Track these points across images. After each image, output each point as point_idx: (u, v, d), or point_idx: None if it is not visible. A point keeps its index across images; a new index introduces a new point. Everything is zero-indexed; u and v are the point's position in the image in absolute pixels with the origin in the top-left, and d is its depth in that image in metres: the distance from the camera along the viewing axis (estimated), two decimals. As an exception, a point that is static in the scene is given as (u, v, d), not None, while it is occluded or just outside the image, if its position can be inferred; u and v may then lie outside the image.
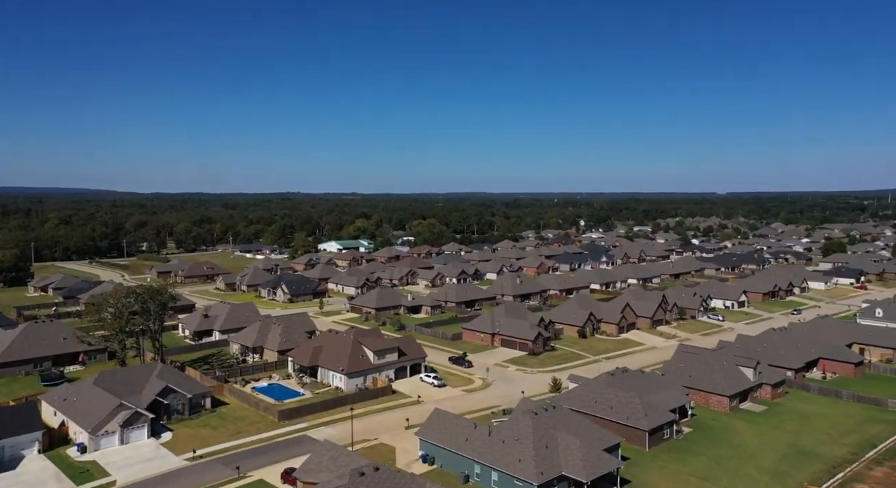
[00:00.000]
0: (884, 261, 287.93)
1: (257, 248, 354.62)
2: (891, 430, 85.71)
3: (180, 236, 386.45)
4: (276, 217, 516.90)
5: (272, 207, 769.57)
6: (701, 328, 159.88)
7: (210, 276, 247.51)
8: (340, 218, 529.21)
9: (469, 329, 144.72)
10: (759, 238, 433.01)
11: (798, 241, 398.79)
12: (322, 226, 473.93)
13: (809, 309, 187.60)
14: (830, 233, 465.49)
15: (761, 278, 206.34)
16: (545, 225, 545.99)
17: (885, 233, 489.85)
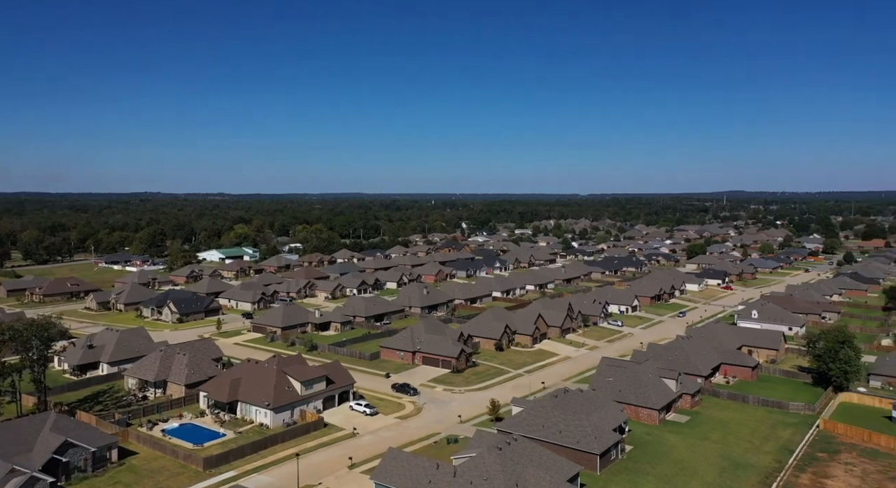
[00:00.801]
0: (737, 263, 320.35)
1: (126, 259, 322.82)
2: (799, 433, 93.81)
3: (29, 246, 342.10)
4: (141, 222, 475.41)
5: (132, 210, 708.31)
6: (605, 334, 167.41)
7: (76, 294, 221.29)
8: (216, 223, 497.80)
9: (388, 347, 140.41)
10: (629, 240, 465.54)
11: (663, 243, 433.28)
12: (197, 233, 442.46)
13: (691, 311, 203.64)
14: (687, 235, 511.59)
15: (648, 282, 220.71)
16: (430, 228, 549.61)
17: (730, 234, 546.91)
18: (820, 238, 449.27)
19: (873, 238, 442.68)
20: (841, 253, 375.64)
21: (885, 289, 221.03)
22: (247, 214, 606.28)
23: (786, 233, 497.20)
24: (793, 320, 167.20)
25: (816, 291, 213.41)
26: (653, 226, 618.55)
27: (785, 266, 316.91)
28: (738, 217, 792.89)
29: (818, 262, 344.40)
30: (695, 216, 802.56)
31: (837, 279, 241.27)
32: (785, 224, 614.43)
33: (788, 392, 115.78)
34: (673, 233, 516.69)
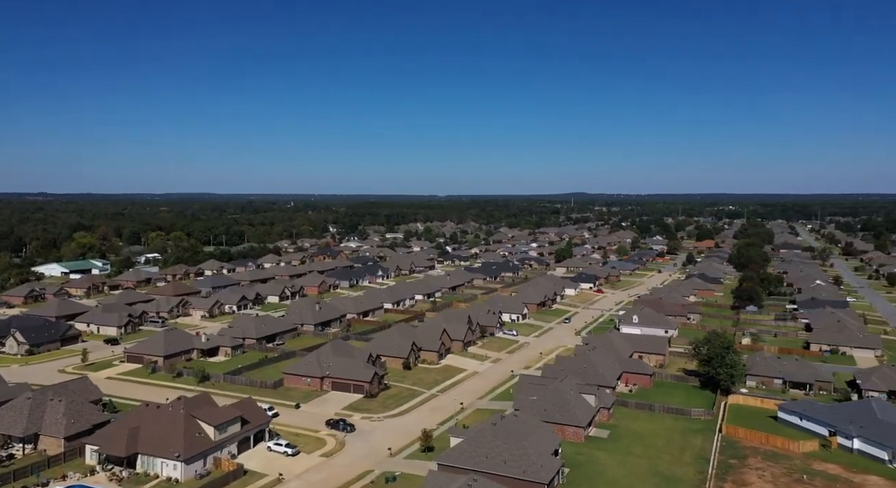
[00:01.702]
0: (600, 265, 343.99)
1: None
2: (707, 440, 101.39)
3: None
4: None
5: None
6: (503, 345, 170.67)
7: None
8: (47, 229, 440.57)
9: (293, 373, 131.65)
10: (498, 244, 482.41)
11: (529, 246, 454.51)
12: (27, 242, 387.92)
13: (574, 316, 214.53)
14: (549, 238, 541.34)
15: (532, 289, 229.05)
16: (298, 233, 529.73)
17: (585, 236, 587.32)
18: (663, 240, 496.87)
19: (705, 239, 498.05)
20: (683, 254, 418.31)
21: (733, 289, 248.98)
22: (84, 219, 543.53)
23: (633, 235, 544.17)
24: (668, 323, 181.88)
25: (677, 293, 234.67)
26: (515, 228, 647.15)
27: (640, 267, 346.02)
28: (587, 219, 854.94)
29: (665, 263, 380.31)
30: (549, 218, 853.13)
31: (690, 280, 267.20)
32: (630, 226, 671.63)
33: (683, 397, 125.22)
34: (536, 236, 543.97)
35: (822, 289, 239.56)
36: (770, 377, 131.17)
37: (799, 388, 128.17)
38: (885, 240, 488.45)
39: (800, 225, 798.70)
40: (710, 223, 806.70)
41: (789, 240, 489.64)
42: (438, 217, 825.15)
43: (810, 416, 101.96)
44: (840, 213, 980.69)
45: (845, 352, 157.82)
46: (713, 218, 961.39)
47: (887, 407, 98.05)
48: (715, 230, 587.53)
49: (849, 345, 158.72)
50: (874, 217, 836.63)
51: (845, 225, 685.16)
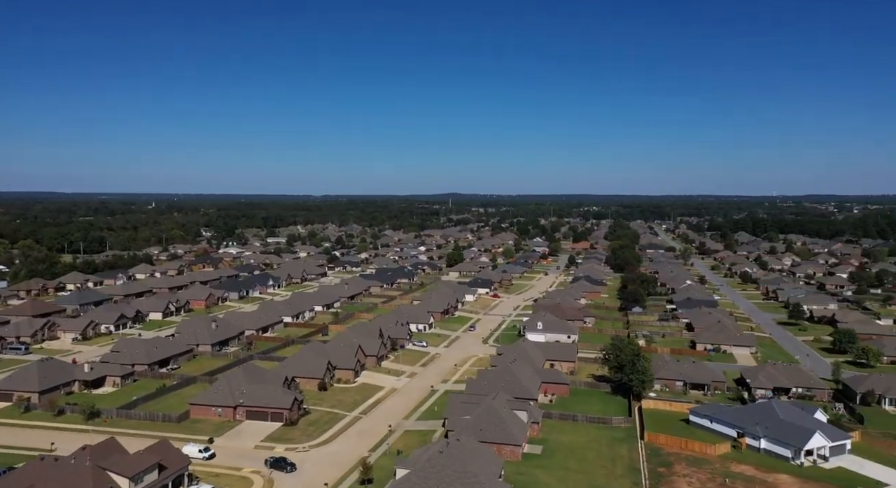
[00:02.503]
0: (490, 269, 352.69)
1: None
2: (633, 449, 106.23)
3: None
4: None
5: None
6: (416, 358, 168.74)
7: None
8: None
9: (200, 404, 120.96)
10: (386, 247, 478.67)
11: (418, 249, 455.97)
12: None
13: (477, 323, 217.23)
14: (435, 240, 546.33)
15: (436, 296, 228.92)
16: (168, 238, 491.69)
17: (468, 237, 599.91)
18: (543, 241, 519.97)
19: (580, 240, 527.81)
20: (563, 255, 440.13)
21: (617, 291, 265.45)
22: None
23: (514, 237, 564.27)
24: (569, 329, 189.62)
25: (569, 296, 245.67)
26: (400, 230, 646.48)
27: (528, 270, 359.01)
28: (467, 220, 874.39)
29: (549, 265, 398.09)
30: (431, 219, 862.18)
31: (578, 283, 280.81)
32: (509, 227, 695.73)
33: (600, 404, 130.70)
34: (423, 239, 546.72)
35: (693, 289, 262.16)
36: (672, 379, 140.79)
37: (698, 389, 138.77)
38: (730, 239, 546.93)
39: (656, 225, 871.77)
40: (579, 224, 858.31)
41: (653, 241, 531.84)
42: (319, 219, 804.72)
43: (719, 419, 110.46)
44: (688, 214, 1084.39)
45: (726, 350, 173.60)
46: (581, 218, 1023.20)
47: (787, 407, 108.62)
48: (586, 231, 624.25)
49: (729, 344, 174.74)
50: (716, 217, 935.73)
51: (695, 225, 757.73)
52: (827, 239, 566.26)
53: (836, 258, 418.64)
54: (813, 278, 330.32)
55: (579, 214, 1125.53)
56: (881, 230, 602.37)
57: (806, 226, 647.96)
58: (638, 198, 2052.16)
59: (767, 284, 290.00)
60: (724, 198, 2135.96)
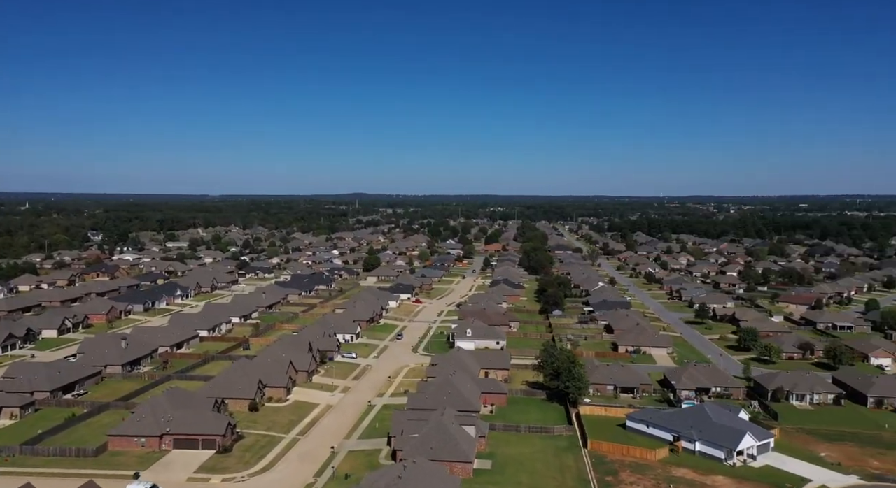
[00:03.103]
0: (407, 273, 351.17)
1: None
2: (579, 458, 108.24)
3: None
4: None
5: None
6: (346, 371, 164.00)
7: None
8: None
9: (121, 435, 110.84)
10: (297, 251, 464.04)
11: (331, 253, 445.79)
12: None
13: (403, 330, 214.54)
14: (348, 244, 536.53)
15: (361, 304, 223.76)
16: (52, 244, 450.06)
17: (380, 239, 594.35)
18: (457, 243, 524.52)
19: (493, 242, 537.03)
20: (478, 257, 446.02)
21: (536, 294, 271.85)
22: None
23: (427, 239, 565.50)
24: (498, 335, 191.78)
25: (491, 300, 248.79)
26: (309, 233, 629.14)
27: (446, 274, 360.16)
28: (377, 222, 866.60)
29: (465, 268, 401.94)
30: (339, 221, 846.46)
31: (498, 287, 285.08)
32: (421, 229, 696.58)
33: (538, 412, 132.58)
34: (335, 242, 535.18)
35: (606, 291, 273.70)
36: (603, 384, 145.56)
37: (627, 392, 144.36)
38: (630, 240, 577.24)
39: (559, 226, 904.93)
40: (487, 224, 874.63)
41: (560, 242, 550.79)
42: (220, 221, 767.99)
43: (656, 423, 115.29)
44: (587, 214, 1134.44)
45: (645, 351, 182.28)
46: (488, 219, 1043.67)
47: (718, 410, 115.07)
48: (497, 233, 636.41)
49: (648, 345, 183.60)
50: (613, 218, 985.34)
51: (596, 226, 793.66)
52: (714, 238, 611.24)
53: (724, 257, 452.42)
54: (708, 277, 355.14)
55: (486, 215, 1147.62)
56: (758, 230, 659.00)
57: (694, 226, 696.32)
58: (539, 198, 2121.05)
59: (671, 284, 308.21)
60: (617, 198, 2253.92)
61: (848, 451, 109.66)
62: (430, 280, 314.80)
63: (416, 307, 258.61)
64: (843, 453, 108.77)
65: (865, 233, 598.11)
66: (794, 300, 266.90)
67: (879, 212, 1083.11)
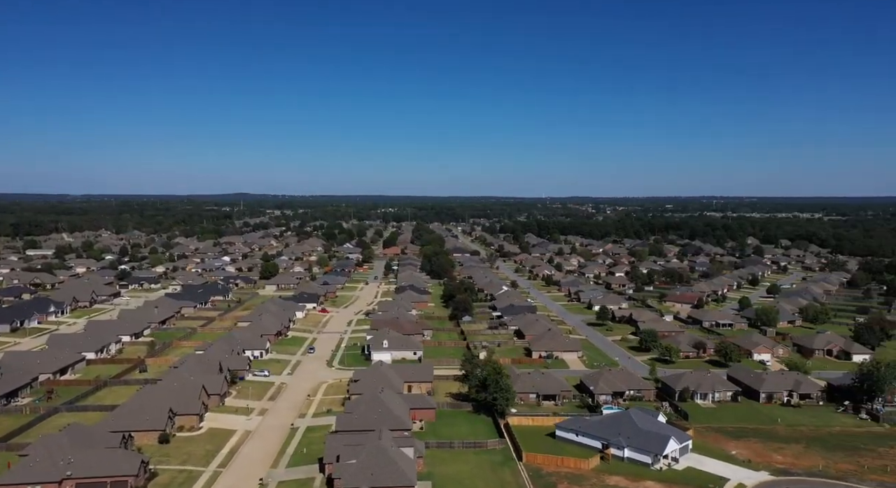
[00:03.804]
0: (310, 280, 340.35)
1: None
2: (516, 473, 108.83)
3: None
4: None
5: None
6: (260, 390, 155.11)
7: None
8: None
9: (10, 484, 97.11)
10: (183, 258, 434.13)
11: (222, 260, 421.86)
12: None
13: (314, 343, 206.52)
14: (240, 249, 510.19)
15: (266, 317, 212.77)
16: None
17: (273, 244, 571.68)
18: (354, 247, 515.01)
19: (391, 246, 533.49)
20: (378, 262, 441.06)
21: (444, 300, 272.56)
22: None
23: (322, 243, 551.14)
24: (414, 345, 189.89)
25: (401, 308, 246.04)
26: (193, 237, 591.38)
27: (348, 280, 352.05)
28: (266, 225, 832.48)
29: (366, 273, 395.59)
30: (224, 223, 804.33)
31: (405, 294, 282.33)
32: (315, 232, 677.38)
33: (468, 426, 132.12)
34: (225, 247, 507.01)
35: (511, 295, 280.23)
36: (526, 392, 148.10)
37: (549, 400, 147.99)
38: (522, 241, 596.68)
39: (452, 227, 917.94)
40: (382, 226, 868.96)
41: (457, 245, 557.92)
42: (88, 224, 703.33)
43: (584, 431, 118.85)
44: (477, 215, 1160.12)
45: (558, 356, 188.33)
46: (381, 221, 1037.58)
47: (642, 415, 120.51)
48: (394, 235, 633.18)
49: (560, 350, 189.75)
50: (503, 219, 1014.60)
51: (489, 228, 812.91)
52: (598, 239, 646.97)
53: (611, 258, 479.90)
54: (600, 278, 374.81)
55: (378, 216, 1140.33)
56: (637, 231, 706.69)
57: (580, 227, 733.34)
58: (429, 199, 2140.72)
59: (568, 286, 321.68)
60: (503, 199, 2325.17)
61: (753, 447, 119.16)
62: (333, 287, 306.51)
63: (324, 317, 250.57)
64: (749, 449, 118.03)
65: (726, 233, 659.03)
66: (678, 299, 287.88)
67: (732, 212, 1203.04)
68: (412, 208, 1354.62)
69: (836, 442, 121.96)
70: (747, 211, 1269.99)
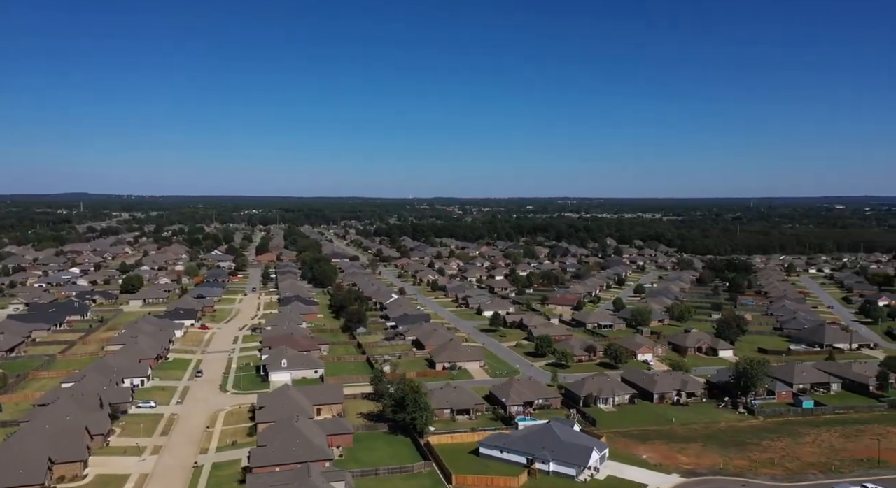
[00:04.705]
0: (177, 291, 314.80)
1: None
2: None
3: None
4: None
5: None
6: (150, 424, 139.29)
7: None
8: None
9: None
10: (20, 272, 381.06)
11: (71, 272, 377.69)
12: None
13: (201, 365, 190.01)
14: (90, 258, 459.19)
15: (143, 339, 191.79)
16: None
17: (128, 251, 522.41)
18: (225, 255, 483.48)
19: (265, 252, 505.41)
20: (254, 270, 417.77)
21: (334, 310, 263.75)
22: None
23: (186, 250, 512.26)
24: (315, 363, 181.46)
25: (292, 322, 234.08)
26: (27, 245, 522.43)
27: (224, 291, 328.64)
28: (117, 230, 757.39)
29: (242, 283, 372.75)
30: (62, 228, 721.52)
31: (293, 305, 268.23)
32: (177, 237, 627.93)
33: (388, 449, 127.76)
34: (71, 258, 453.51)
35: (402, 303, 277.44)
36: (440, 408, 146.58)
37: (463, 414, 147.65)
38: (399, 244, 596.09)
39: (324, 230, 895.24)
40: (249, 231, 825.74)
41: (334, 250, 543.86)
42: None
43: (509, 448, 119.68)
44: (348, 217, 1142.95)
45: (461, 366, 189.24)
46: (247, 224, 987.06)
47: (563, 427, 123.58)
48: (266, 241, 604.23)
49: (463, 360, 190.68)
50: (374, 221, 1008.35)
51: (363, 231, 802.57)
52: (472, 242, 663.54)
53: (488, 261, 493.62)
54: (483, 282, 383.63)
55: (242, 219, 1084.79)
56: (507, 233, 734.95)
57: (453, 229, 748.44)
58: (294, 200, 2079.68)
59: (455, 291, 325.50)
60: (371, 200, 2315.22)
61: (659, 450, 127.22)
62: (210, 300, 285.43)
63: (205, 334, 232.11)
64: (657, 452, 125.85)
65: (588, 234, 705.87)
66: (559, 301, 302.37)
67: (586, 213, 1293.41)
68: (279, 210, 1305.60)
69: (726, 438, 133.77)
70: (598, 211, 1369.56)
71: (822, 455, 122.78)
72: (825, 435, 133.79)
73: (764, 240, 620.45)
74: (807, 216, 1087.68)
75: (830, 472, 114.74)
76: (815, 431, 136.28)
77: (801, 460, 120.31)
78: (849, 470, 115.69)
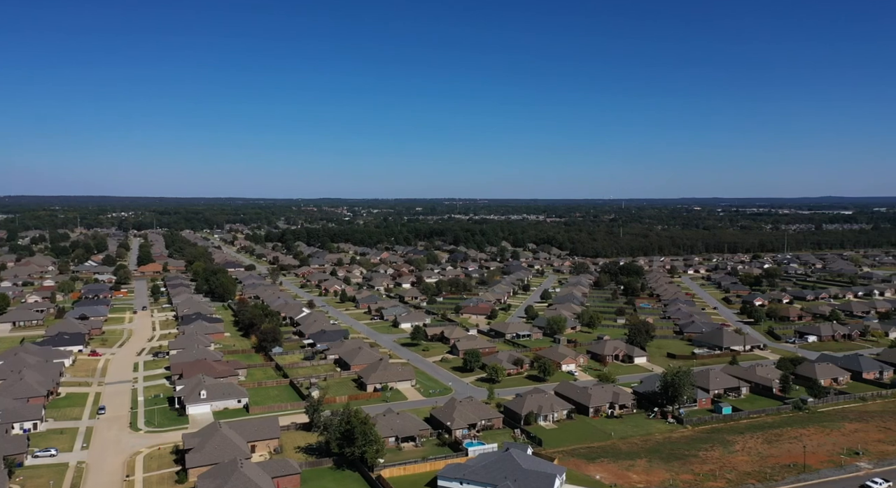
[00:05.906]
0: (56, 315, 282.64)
1: None
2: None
3: None
4: None
5: None
6: (56, 478, 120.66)
7: None
8: None
9: None
10: None
11: None
12: None
13: (101, 400, 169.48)
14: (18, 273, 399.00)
15: (28, 373, 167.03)
16: None
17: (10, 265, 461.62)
18: (103, 266, 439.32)
19: (149, 262, 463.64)
20: (137, 283, 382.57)
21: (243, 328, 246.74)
22: None
23: (53, 261, 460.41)
24: (238, 391, 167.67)
25: (199, 344, 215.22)
26: None
27: (110, 309, 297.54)
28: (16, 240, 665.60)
29: (127, 298, 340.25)
30: None
31: (196, 324, 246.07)
32: (37, 247, 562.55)
33: (337, 486, 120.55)
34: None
35: (316, 318, 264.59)
36: (385, 437, 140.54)
37: (408, 441, 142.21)
38: (297, 251, 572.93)
39: (209, 235, 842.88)
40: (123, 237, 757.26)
41: (226, 258, 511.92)
42: None
43: (470, 479, 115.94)
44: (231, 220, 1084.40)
45: (393, 386, 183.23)
46: (118, 229, 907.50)
47: (523, 455, 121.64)
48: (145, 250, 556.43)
49: (394, 380, 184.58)
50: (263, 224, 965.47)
51: (254, 236, 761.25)
52: (370, 247, 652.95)
53: (391, 267, 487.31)
54: (391, 291, 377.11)
55: (111, 223, 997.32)
56: (406, 237, 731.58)
57: (350, 234, 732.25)
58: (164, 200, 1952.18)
59: (368, 302, 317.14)
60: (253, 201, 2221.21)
61: (609, 469, 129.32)
62: (96, 322, 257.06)
63: (97, 361, 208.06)
64: (608, 471, 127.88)
65: (484, 238, 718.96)
66: (473, 311, 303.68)
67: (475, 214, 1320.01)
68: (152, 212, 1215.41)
69: (666, 451, 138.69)
70: (485, 213, 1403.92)
71: (754, 463, 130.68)
72: (750, 442, 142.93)
73: (644, 243, 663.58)
74: (672, 217, 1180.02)
75: (766, 481, 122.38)
76: (741, 438, 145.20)
77: (738, 470, 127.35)
78: (781, 477, 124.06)
